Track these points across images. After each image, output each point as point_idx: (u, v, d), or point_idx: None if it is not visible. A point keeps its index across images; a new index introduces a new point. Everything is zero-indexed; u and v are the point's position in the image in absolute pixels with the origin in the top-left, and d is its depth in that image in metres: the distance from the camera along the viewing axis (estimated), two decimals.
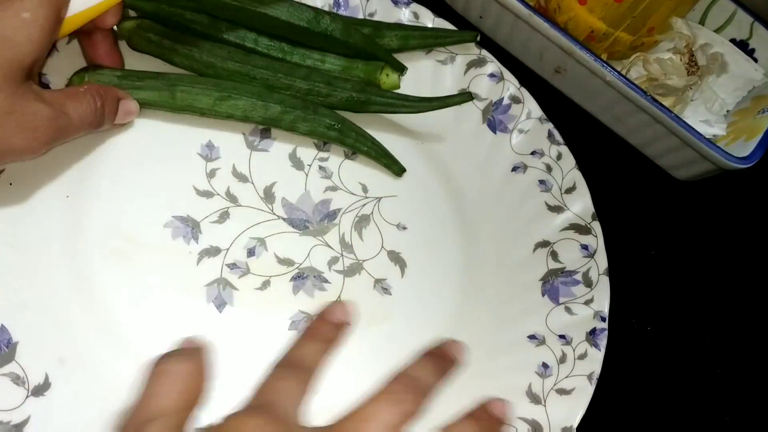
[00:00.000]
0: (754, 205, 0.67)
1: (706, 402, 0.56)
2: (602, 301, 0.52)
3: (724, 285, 0.62)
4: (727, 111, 0.66)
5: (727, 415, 0.56)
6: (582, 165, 0.58)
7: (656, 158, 0.65)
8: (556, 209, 0.56)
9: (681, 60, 0.65)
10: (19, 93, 0.38)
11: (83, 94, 0.44)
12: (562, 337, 0.51)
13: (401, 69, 0.58)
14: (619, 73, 0.58)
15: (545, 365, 0.49)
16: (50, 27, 0.40)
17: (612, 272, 0.53)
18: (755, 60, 0.69)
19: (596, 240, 0.54)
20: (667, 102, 0.63)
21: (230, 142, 0.53)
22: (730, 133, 0.63)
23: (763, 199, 0.67)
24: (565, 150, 0.58)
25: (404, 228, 0.54)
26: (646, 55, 0.65)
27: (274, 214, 0.52)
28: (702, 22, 0.71)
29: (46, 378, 0.42)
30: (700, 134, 0.57)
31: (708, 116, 0.65)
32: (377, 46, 0.57)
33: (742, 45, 0.70)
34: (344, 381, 0.46)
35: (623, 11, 0.61)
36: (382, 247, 0.53)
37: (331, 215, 0.53)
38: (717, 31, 0.70)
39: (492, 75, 0.60)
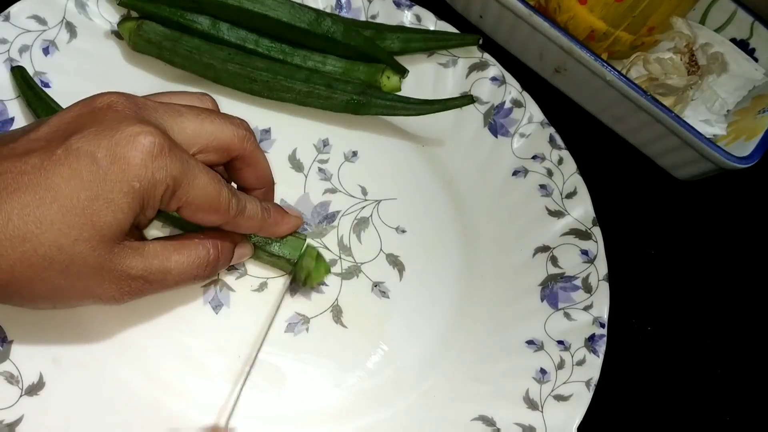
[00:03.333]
0: (754, 205, 0.66)
1: (706, 402, 0.54)
2: (601, 307, 0.50)
3: (724, 285, 0.60)
4: (728, 111, 0.64)
5: (727, 415, 0.54)
6: (582, 165, 0.56)
7: (656, 158, 0.63)
8: (557, 214, 0.54)
9: (681, 59, 0.64)
10: (114, 251, 0.35)
11: (196, 245, 0.39)
12: (560, 342, 0.48)
13: (402, 72, 0.57)
14: (619, 72, 0.57)
15: (543, 371, 0.47)
16: (143, 206, 0.36)
17: (612, 272, 0.51)
18: (755, 59, 0.68)
19: (596, 245, 0.52)
20: (667, 101, 0.62)
21: None
22: (731, 133, 0.62)
23: (763, 199, 0.66)
24: (566, 154, 0.56)
25: (403, 231, 0.52)
26: (647, 55, 0.63)
27: None
28: (702, 21, 0.69)
29: (41, 377, 0.40)
30: (701, 134, 0.56)
31: (708, 116, 0.63)
32: (378, 49, 0.55)
33: (743, 44, 0.68)
34: (343, 381, 0.46)
35: (623, 11, 0.60)
36: (381, 250, 0.51)
37: (330, 217, 0.51)
38: (717, 30, 0.69)
39: (494, 78, 0.58)
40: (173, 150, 0.35)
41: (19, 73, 0.47)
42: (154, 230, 0.46)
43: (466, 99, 0.54)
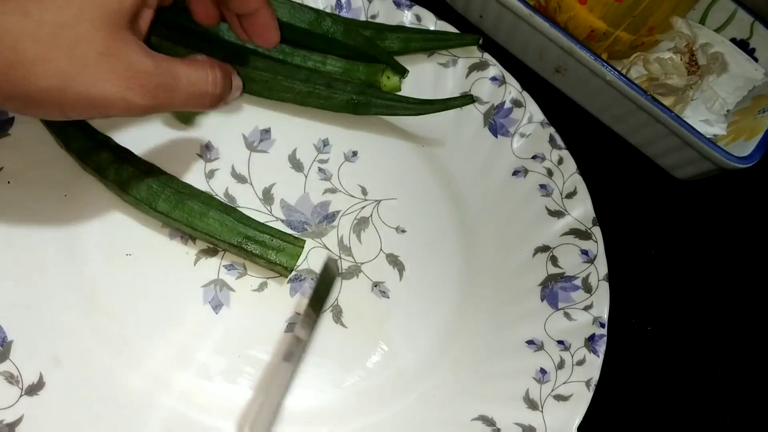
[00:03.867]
0: (754, 205, 0.65)
1: (706, 402, 0.54)
2: (601, 307, 0.50)
3: (724, 285, 0.60)
4: (728, 110, 0.64)
5: (727, 415, 0.54)
6: (582, 165, 0.56)
7: (656, 158, 0.63)
8: (557, 214, 0.54)
9: (681, 59, 0.64)
10: (119, 37, 0.34)
11: (200, 63, 0.39)
12: (560, 342, 0.48)
13: (402, 72, 0.57)
14: (619, 72, 0.57)
15: (543, 371, 0.47)
16: None
17: (612, 272, 0.51)
18: (755, 59, 0.67)
19: (596, 245, 0.52)
20: (667, 101, 0.62)
21: (230, 142, 0.51)
22: (731, 133, 0.62)
23: (763, 199, 0.66)
24: (566, 154, 0.56)
25: (403, 231, 0.52)
26: (647, 55, 0.63)
27: (273, 215, 0.49)
28: (702, 21, 0.69)
29: (41, 377, 0.40)
30: (701, 134, 0.56)
31: (708, 116, 0.63)
32: (378, 49, 0.55)
33: (743, 44, 0.68)
34: (343, 381, 0.46)
35: (623, 11, 0.60)
36: (381, 250, 0.50)
37: (330, 217, 0.50)
38: (717, 30, 0.69)
39: (494, 78, 0.58)
40: None
41: None
42: (154, 230, 0.46)
43: (466, 99, 0.54)
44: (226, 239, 0.45)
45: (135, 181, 0.45)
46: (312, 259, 0.49)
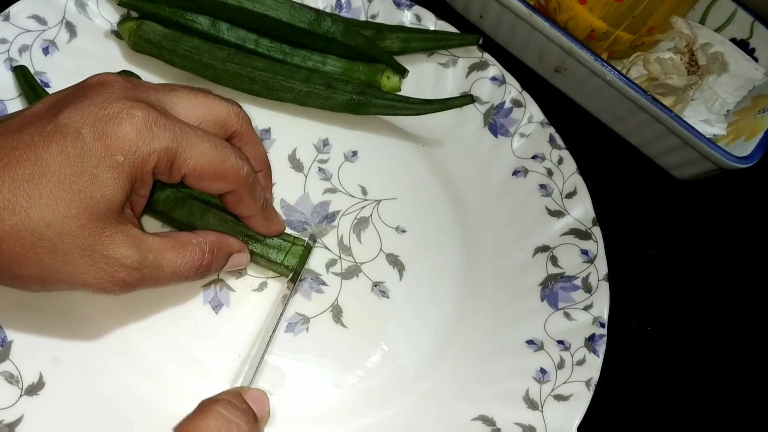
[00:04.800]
0: (754, 205, 0.65)
1: (706, 402, 0.54)
2: (602, 307, 0.49)
3: (724, 285, 0.60)
4: (728, 110, 0.64)
5: (727, 415, 0.54)
6: (582, 165, 0.56)
7: (656, 158, 0.63)
8: (557, 214, 0.54)
9: (681, 59, 0.64)
10: (106, 234, 0.35)
11: (192, 247, 0.39)
12: (560, 342, 0.48)
13: (402, 72, 0.56)
14: (619, 72, 0.57)
15: (543, 371, 0.47)
16: (133, 180, 0.36)
17: (612, 272, 0.51)
18: (755, 59, 0.67)
19: (596, 245, 0.52)
20: (667, 101, 0.62)
21: None
22: (731, 133, 0.61)
23: (763, 199, 0.66)
24: (566, 154, 0.56)
25: (403, 231, 0.52)
26: (647, 55, 0.63)
27: None
28: (702, 21, 0.69)
29: (41, 377, 0.40)
30: (701, 134, 0.56)
31: (708, 116, 0.63)
32: (378, 49, 0.55)
33: (743, 44, 0.68)
34: (343, 381, 0.45)
35: (623, 10, 0.60)
36: (381, 250, 0.50)
37: (330, 217, 0.50)
38: (717, 30, 0.68)
39: (494, 78, 0.58)
40: (163, 121, 0.35)
41: (21, 73, 0.47)
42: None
43: (466, 98, 0.54)
44: None
45: (167, 184, 0.45)
46: (312, 258, 0.48)
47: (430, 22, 0.59)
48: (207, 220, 0.44)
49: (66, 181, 0.33)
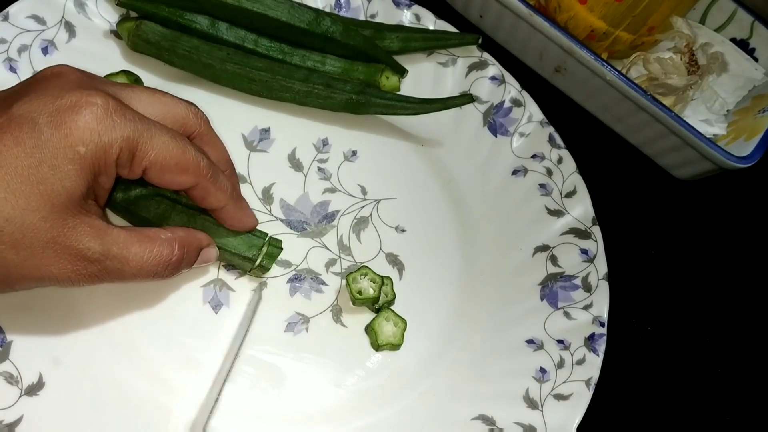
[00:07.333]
0: (754, 205, 0.66)
1: (706, 402, 0.54)
2: (601, 307, 0.50)
3: (724, 285, 0.60)
4: (728, 110, 0.64)
5: (727, 415, 0.54)
6: (582, 165, 0.56)
7: (656, 157, 0.63)
8: (556, 213, 0.54)
9: (681, 59, 0.64)
10: (68, 225, 0.34)
11: (161, 242, 0.38)
12: (560, 342, 0.48)
13: (402, 71, 0.57)
14: (619, 72, 0.57)
15: (543, 370, 0.47)
16: (95, 172, 0.35)
17: (612, 272, 0.51)
18: (755, 59, 0.68)
19: (596, 245, 0.52)
20: (667, 101, 0.62)
21: (229, 142, 0.49)
22: (731, 133, 0.62)
23: (763, 199, 0.66)
24: (565, 154, 0.56)
25: (403, 230, 0.52)
26: (647, 55, 0.63)
27: (272, 215, 0.49)
28: (702, 21, 0.69)
29: (40, 377, 0.40)
30: (701, 133, 0.56)
31: (708, 115, 0.63)
32: (378, 49, 0.55)
33: (743, 44, 0.68)
34: (343, 381, 0.46)
35: (623, 10, 0.60)
36: (381, 249, 0.51)
37: (330, 217, 0.51)
38: (717, 30, 0.69)
39: (493, 78, 0.58)
40: (123, 111, 0.35)
41: None
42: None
43: (466, 98, 0.54)
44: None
45: (135, 182, 0.45)
46: (312, 258, 0.49)
47: (430, 21, 0.59)
48: (175, 217, 0.43)
49: (24, 174, 0.32)
